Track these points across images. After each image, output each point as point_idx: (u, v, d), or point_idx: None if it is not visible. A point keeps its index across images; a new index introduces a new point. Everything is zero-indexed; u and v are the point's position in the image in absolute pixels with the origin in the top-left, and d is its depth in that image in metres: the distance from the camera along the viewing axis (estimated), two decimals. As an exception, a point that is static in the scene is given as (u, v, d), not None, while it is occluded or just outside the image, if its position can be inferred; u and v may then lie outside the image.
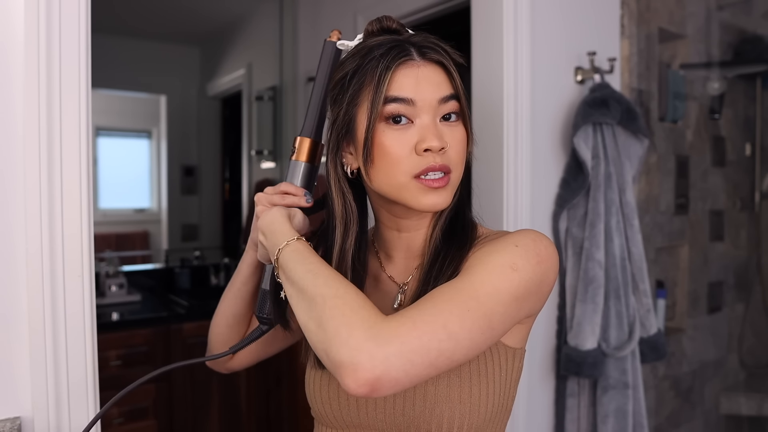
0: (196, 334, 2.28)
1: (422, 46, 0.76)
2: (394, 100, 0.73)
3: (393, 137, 0.74)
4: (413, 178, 0.74)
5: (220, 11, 3.05)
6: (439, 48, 0.76)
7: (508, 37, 1.44)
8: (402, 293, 0.83)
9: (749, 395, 2.40)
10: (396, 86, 0.73)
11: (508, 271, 0.69)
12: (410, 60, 0.74)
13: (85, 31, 0.91)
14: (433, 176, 0.73)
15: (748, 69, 2.46)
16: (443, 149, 0.73)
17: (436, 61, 0.76)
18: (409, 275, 0.84)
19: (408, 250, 0.84)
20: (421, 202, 0.75)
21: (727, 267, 2.41)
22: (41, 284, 0.87)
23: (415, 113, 0.74)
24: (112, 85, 2.72)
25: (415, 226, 0.83)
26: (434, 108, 0.74)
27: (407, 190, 0.75)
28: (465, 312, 0.65)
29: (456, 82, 0.76)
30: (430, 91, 0.74)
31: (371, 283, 0.86)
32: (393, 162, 0.74)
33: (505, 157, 1.45)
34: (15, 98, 0.87)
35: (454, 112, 0.76)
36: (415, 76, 0.74)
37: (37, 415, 0.87)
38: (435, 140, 0.72)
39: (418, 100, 0.74)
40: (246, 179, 3.06)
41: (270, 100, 3.04)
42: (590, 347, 1.51)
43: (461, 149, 0.77)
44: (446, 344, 0.63)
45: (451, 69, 0.76)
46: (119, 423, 2.11)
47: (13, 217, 0.87)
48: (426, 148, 0.72)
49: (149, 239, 2.90)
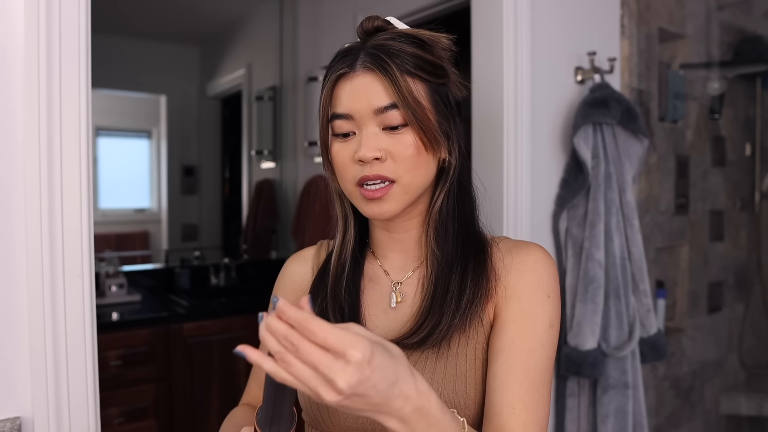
0: (196, 334, 2.28)
1: (367, 54, 0.74)
2: (336, 117, 0.76)
3: (338, 148, 0.77)
4: (357, 186, 0.76)
5: (220, 11, 3.05)
6: (381, 53, 0.74)
7: (508, 37, 1.44)
8: (397, 292, 0.83)
9: (749, 395, 2.40)
10: (336, 102, 0.76)
11: (550, 332, 0.76)
12: (349, 72, 0.75)
13: (85, 31, 0.91)
14: (372, 186, 0.75)
15: (748, 69, 2.46)
16: (378, 159, 0.74)
17: (371, 69, 0.74)
18: (406, 274, 0.84)
19: (403, 251, 0.85)
20: (366, 210, 0.77)
21: (727, 267, 2.41)
22: (41, 284, 0.87)
23: (356, 125, 0.75)
24: (112, 85, 2.72)
25: (403, 227, 0.83)
26: (372, 118, 0.74)
27: (355, 198, 0.78)
28: (546, 399, 0.74)
29: (399, 89, 0.72)
30: (363, 103, 0.74)
31: (367, 281, 0.86)
32: (340, 171, 0.78)
33: (505, 158, 1.45)
34: (15, 98, 0.86)
35: (397, 123, 0.74)
36: (349, 89, 0.75)
37: (37, 415, 0.87)
38: (366, 151, 0.73)
39: (354, 113, 0.75)
40: (246, 179, 3.06)
41: (270, 100, 3.04)
42: (590, 347, 1.51)
43: (408, 156, 0.74)
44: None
45: (390, 76, 0.73)
46: (119, 423, 2.11)
47: (13, 217, 0.87)
48: (359, 159, 0.74)
49: (149, 239, 2.90)
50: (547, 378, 0.74)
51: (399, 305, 0.83)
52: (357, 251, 0.85)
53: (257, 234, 3.00)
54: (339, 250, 0.85)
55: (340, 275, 0.84)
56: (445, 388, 0.75)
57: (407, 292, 0.83)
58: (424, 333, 0.76)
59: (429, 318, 0.76)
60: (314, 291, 0.86)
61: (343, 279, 0.83)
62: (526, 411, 0.71)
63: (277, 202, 3.03)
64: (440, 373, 0.75)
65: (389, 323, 0.81)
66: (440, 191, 0.80)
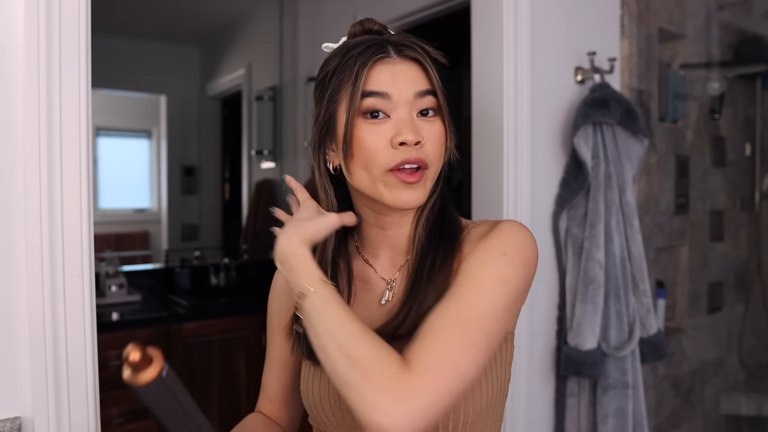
0: (196, 334, 2.28)
1: (400, 44, 0.77)
2: (370, 95, 0.75)
3: (369, 131, 0.75)
4: (388, 171, 0.74)
5: (220, 11, 3.05)
6: (415, 46, 0.77)
7: (508, 37, 1.44)
8: (390, 290, 0.83)
9: (749, 395, 2.40)
10: (372, 81, 0.75)
11: (499, 285, 0.72)
12: (387, 57, 0.76)
13: (85, 31, 0.91)
14: (408, 168, 0.74)
15: (748, 69, 2.46)
16: (419, 143, 0.74)
17: (412, 58, 0.77)
18: (395, 272, 0.84)
19: (393, 248, 0.84)
20: (396, 198, 0.75)
21: (727, 267, 2.41)
22: (41, 284, 0.87)
23: (392, 107, 0.75)
24: (112, 85, 2.72)
25: (398, 224, 0.83)
26: (410, 102, 0.75)
27: (383, 185, 0.75)
28: (470, 344, 0.67)
29: (433, 78, 0.77)
30: (405, 86, 0.75)
31: (360, 283, 0.86)
32: (369, 155, 0.75)
33: (505, 157, 1.45)
34: (15, 98, 0.87)
35: (431, 107, 0.77)
36: (390, 72, 0.75)
37: (37, 415, 0.87)
38: (410, 134, 0.73)
39: (394, 95, 0.75)
40: (246, 179, 3.06)
41: (270, 100, 3.04)
42: (590, 347, 1.51)
43: (438, 144, 0.77)
44: (459, 383, 0.65)
45: (428, 66, 0.77)
46: (119, 423, 2.11)
47: (13, 217, 0.87)
48: (401, 141, 0.73)
49: (149, 239, 2.90)
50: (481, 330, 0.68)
51: (388, 302, 0.83)
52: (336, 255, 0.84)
53: (257, 234, 3.00)
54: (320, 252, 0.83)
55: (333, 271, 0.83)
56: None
57: (397, 290, 0.83)
58: (395, 323, 0.76)
59: (403, 308, 0.77)
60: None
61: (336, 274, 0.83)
62: (435, 340, 0.66)
63: (277, 202, 3.04)
64: None
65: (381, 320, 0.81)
66: (437, 187, 0.82)
